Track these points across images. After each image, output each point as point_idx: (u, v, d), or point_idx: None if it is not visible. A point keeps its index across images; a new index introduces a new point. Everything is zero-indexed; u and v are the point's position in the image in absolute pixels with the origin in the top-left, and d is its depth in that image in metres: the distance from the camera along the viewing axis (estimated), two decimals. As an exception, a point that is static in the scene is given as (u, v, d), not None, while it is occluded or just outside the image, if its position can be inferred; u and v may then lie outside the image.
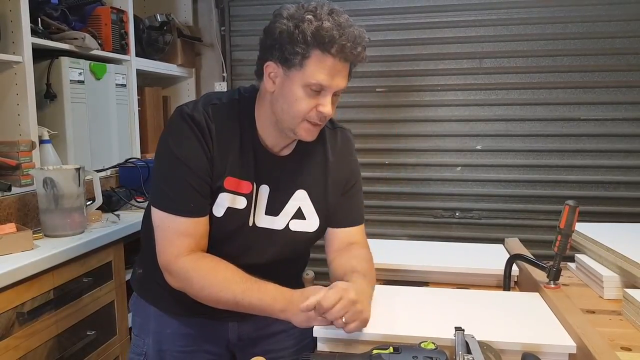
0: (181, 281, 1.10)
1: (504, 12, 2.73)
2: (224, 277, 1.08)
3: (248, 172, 1.14)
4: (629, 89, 2.65)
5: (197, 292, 1.09)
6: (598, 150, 2.71)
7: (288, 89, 1.07)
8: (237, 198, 1.13)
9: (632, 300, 1.09)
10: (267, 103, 1.13)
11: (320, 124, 1.12)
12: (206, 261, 1.10)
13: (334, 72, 1.05)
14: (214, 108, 1.13)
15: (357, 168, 1.29)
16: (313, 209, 1.20)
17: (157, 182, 1.15)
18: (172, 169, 1.11)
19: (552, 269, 1.22)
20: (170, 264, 1.10)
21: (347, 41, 1.03)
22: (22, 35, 1.84)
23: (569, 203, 1.21)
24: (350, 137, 1.30)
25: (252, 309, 1.07)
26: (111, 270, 1.87)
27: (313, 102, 1.07)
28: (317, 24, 1.02)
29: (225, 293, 1.07)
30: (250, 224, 1.16)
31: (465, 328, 0.98)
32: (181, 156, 1.10)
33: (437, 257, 1.54)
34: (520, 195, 2.80)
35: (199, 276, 1.08)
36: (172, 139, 1.13)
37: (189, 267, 1.09)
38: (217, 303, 1.09)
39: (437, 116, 2.85)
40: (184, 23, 3.00)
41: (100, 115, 2.30)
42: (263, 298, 1.05)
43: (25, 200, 1.86)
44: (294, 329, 1.30)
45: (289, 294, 1.06)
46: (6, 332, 1.41)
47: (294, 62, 1.04)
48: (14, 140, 1.87)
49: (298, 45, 1.03)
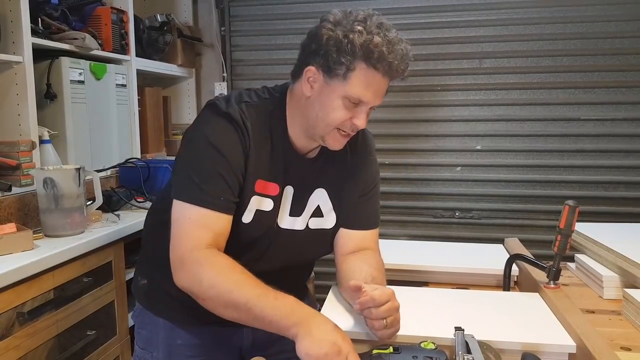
0: (191, 277, 0.99)
1: (504, 12, 2.72)
2: (238, 278, 0.97)
3: (277, 174, 1.11)
4: (629, 89, 2.65)
5: (205, 290, 0.98)
6: (598, 150, 2.71)
7: (326, 97, 1.05)
8: (264, 200, 1.10)
9: (632, 300, 1.09)
10: (300, 106, 1.10)
11: (350, 135, 1.10)
12: (222, 258, 1.00)
13: (376, 89, 1.05)
14: (247, 106, 1.09)
15: (377, 169, 1.28)
16: (331, 205, 1.18)
17: (184, 171, 1.07)
18: (205, 158, 1.05)
19: (552, 269, 1.23)
20: (184, 256, 1.00)
21: (394, 59, 1.02)
22: (22, 35, 1.84)
23: (569, 203, 1.21)
24: (370, 136, 1.29)
25: (262, 317, 0.93)
26: (111, 270, 1.87)
27: (349, 113, 1.06)
28: (367, 37, 1.00)
29: (236, 295, 0.95)
30: (275, 226, 1.13)
31: (465, 328, 0.98)
32: (218, 145, 1.04)
33: (437, 257, 1.54)
34: (520, 195, 2.80)
35: (211, 273, 0.97)
36: (208, 130, 1.06)
37: (203, 261, 0.99)
38: (225, 306, 0.97)
39: (437, 116, 2.85)
40: (184, 23, 3.00)
41: (100, 115, 2.30)
42: (278, 307, 0.92)
43: (25, 200, 1.86)
44: None
45: (307, 312, 0.93)
46: (6, 332, 1.41)
47: (338, 72, 1.02)
48: (14, 140, 1.87)
49: (345, 56, 1.00)
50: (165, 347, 1.22)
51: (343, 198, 1.20)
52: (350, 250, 1.21)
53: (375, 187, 1.26)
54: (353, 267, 1.15)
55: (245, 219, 1.08)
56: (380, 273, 1.15)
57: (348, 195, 1.21)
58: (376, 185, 1.27)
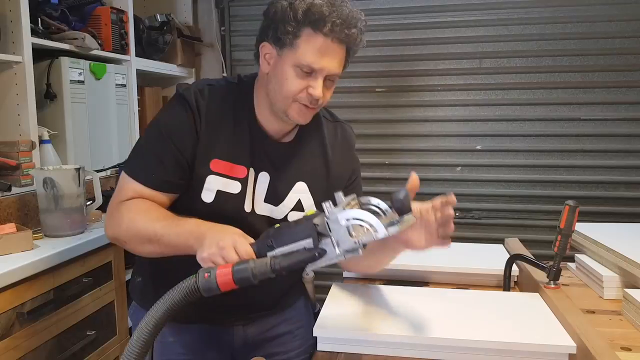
0: (114, 224, 1.08)
1: (504, 12, 2.72)
2: (150, 217, 1.05)
3: (242, 157, 1.12)
4: (629, 89, 2.65)
5: (124, 232, 1.07)
6: (598, 150, 2.71)
7: (280, 69, 1.06)
8: (230, 182, 1.11)
9: (632, 300, 1.09)
10: (263, 85, 1.12)
11: (312, 107, 1.09)
12: (142, 203, 1.08)
13: (324, 53, 1.03)
14: (210, 89, 1.13)
15: (357, 164, 1.29)
16: (312, 202, 1.19)
17: (134, 148, 1.15)
18: (149, 138, 1.12)
19: (552, 269, 1.23)
20: (111, 209, 1.10)
21: (337, 18, 1.01)
22: (22, 35, 1.84)
23: (569, 203, 1.21)
24: (350, 133, 1.28)
25: (172, 244, 1.01)
26: (111, 270, 1.87)
27: (304, 83, 1.05)
28: (309, 2, 1.01)
29: (147, 231, 1.03)
30: (248, 210, 1.13)
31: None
32: (163, 127, 1.10)
33: (437, 257, 1.54)
34: (521, 195, 2.79)
35: (128, 217, 1.06)
36: (161, 113, 1.15)
37: (123, 209, 1.07)
38: (142, 243, 1.05)
39: (437, 116, 2.85)
40: (184, 23, 3.00)
41: (100, 115, 2.30)
42: (181, 232, 1.01)
43: (25, 200, 1.86)
44: (299, 330, 1.30)
45: (205, 227, 1.00)
46: (6, 332, 1.41)
47: (286, 42, 1.04)
48: (14, 140, 1.87)
49: (289, 23, 1.02)
50: (157, 345, 1.23)
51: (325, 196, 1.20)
52: None
53: (357, 178, 1.28)
54: None
55: (206, 198, 1.10)
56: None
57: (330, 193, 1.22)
58: (358, 177, 1.28)
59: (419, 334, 1.01)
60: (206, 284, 0.85)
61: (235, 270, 0.86)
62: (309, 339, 1.30)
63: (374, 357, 1.02)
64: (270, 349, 1.26)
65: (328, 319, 1.09)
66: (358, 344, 1.04)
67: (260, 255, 0.91)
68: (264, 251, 0.91)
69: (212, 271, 0.86)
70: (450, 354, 1.00)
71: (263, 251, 0.91)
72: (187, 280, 0.86)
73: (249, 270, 0.86)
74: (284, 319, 1.28)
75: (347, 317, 1.10)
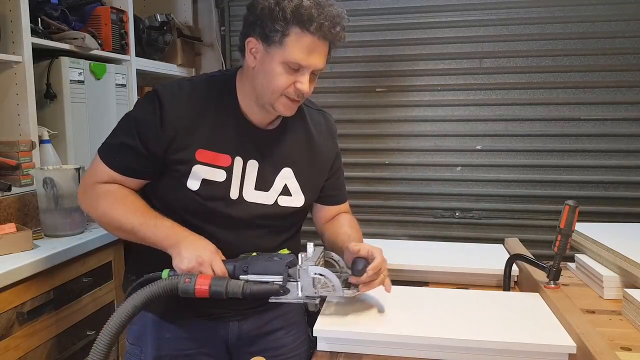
0: (89, 204, 1.18)
1: (504, 12, 2.72)
2: (127, 208, 1.13)
3: (226, 146, 1.16)
4: (629, 89, 2.65)
5: (99, 217, 1.16)
6: (598, 150, 2.71)
7: (268, 65, 1.10)
8: (215, 171, 1.15)
9: (632, 300, 1.09)
10: (249, 78, 1.16)
11: (298, 100, 1.15)
12: (119, 190, 1.16)
13: (312, 51, 1.08)
14: (190, 83, 1.18)
15: (338, 150, 1.36)
16: (298, 186, 1.24)
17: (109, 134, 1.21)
18: (120, 125, 1.19)
19: (552, 269, 1.23)
20: (87, 187, 1.18)
21: (325, 20, 1.06)
22: (22, 35, 1.84)
23: (569, 203, 1.21)
24: (332, 121, 1.36)
25: (145, 240, 1.12)
26: (111, 270, 1.87)
27: (291, 78, 1.10)
28: (297, 2, 1.05)
29: (123, 223, 1.12)
30: (235, 197, 1.17)
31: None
32: (133, 120, 1.16)
33: (437, 257, 1.54)
34: (520, 195, 2.79)
35: (106, 203, 1.14)
36: (135, 106, 1.21)
37: (101, 193, 1.16)
38: (116, 230, 1.16)
39: (437, 116, 2.85)
40: (184, 23, 3.00)
41: (100, 115, 2.30)
42: (156, 233, 1.11)
43: (25, 200, 1.86)
44: (292, 326, 1.31)
45: (182, 235, 1.10)
46: (6, 332, 1.41)
47: (274, 40, 1.08)
48: (14, 140, 1.87)
49: (278, 22, 1.06)
50: (154, 341, 1.24)
51: (310, 180, 1.27)
52: (328, 219, 1.36)
53: (339, 165, 1.36)
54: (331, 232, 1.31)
55: (191, 186, 1.15)
56: (354, 229, 1.30)
57: (315, 178, 1.29)
58: (340, 163, 1.37)
59: (419, 334, 1.01)
60: (185, 287, 1.02)
61: (213, 284, 1.03)
62: (301, 334, 1.33)
63: (374, 357, 1.02)
64: (265, 344, 1.28)
65: (328, 318, 1.09)
66: (358, 343, 1.04)
67: (234, 275, 1.07)
68: (239, 273, 1.07)
69: (192, 279, 1.03)
70: (450, 354, 1.00)
71: (238, 272, 1.07)
72: (170, 279, 1.03)
73: (223, 287, 1.02)
74: (278, 315, 1.30)
75: (347, 317, 1.10)
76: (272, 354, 1.28)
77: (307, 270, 1.04)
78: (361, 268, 1.07)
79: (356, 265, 1.08)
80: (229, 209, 1.17)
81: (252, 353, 1.21)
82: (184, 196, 1.15)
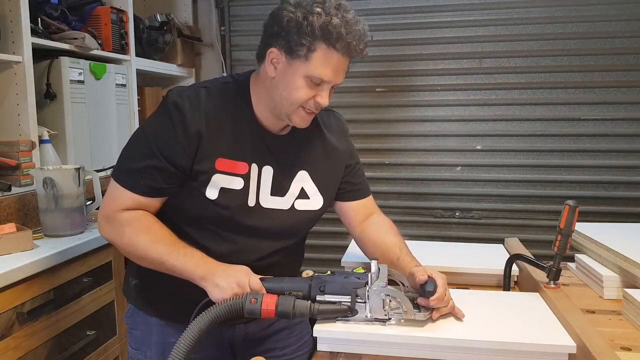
0: (114, 233, 1.13)
1: (504, 12, 2.72)
2: (153, 237, 1.10)
3: (243, 153, 1.15)
4: (629, 89, 2.65)
5: (125, 246, 1.12)
6: (598, 150, 2.71)
7: (290, 77, 1.09)
8: (233, 179, 1.14)
9: (632, 300, 1.09)
10: (265, 87, 1.15)
11: (315, 113, 1.15)
12: (144, 218, 1.12)
13: (336, 68, 1.09)
14: (207, 91, 1.15)
15: (354, 149, 1.35)
16: (316, 188, 1.23)
17: (122, 155, 1.17)
18: (137, 146, 1.15)
19: (552, 269, 1.22)
20: (109, 215, 1.13)
21: (352, 39, 1.06)
22: (22, 35, 1.84)
23: (569, 203, 1.21)
24: (343, 120, 1.36)
25: (173, 270, 1.09)
26: (111, 270, 1.87)
27: (312, 92, 1.10)
28: (325, 19, 1.04)
29: (150, 252, 1.09)
30: (252, 204, 1.16)
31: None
32: (151, 136, 1.12)
33: (437, 257, 1.54)
34: (520, 195, 2.79)
35: (131, 231, 1.11)
36: (150, 120, 1.17)
37: (125, 221, 1.11)
38: (142, 260, 1.12)
39: (437, 116, 2.85)
40: (184, 23, 3.00)
41: (100, 115, 2.30)
42: (186, 263, 1.08)
43: (25, 200, 1.86)
44: (295, 327, 1.31)
45: (213, 265, 1.09)
46: (6, 332, 1.41)
47: (299, 53, 1.06)
48: (14, 140, 1.87)
49: (305, 37, 1.04)
50: (158, 345, 1.23)
51: (327, 180, 1.26)
52: (361, 219, 1.32)
53: (358, 161, 1.35)
54: (373, 237, 1.28)
55: (210, 195, 1.12)
56: (399, 237, 1.28)
57: (332, 177, 1.27)
58: (358, 159, 1.35)
59: (418, 334, 1.01)
60: (251, 307, 1.00)
61: (280, 304, 1.00)
62: (305, 335, 1.32)
63: (374, 357, 1.02)
64: (269, 345, 1.28)
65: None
66: (358, 344, 1.03)
67: (310, 295, 1.04)
68: (315, 292, 1.04)
69: (258, 298, 1.01)
70: (450, 354, 1.00)
71: (314, 292, 1.04)
72: (234, 299, 1.01)
73: (290, 307, 1.00)
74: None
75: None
76: (276, 354, 1.28)
77: (378, 292, 1.02)
78: (433, 289, 1.04)
79: (426, 286, 1.05)
80: (247, 216, 1.15)
81: (257, 354, 1.21)
82: (201, 204, 1.13)
